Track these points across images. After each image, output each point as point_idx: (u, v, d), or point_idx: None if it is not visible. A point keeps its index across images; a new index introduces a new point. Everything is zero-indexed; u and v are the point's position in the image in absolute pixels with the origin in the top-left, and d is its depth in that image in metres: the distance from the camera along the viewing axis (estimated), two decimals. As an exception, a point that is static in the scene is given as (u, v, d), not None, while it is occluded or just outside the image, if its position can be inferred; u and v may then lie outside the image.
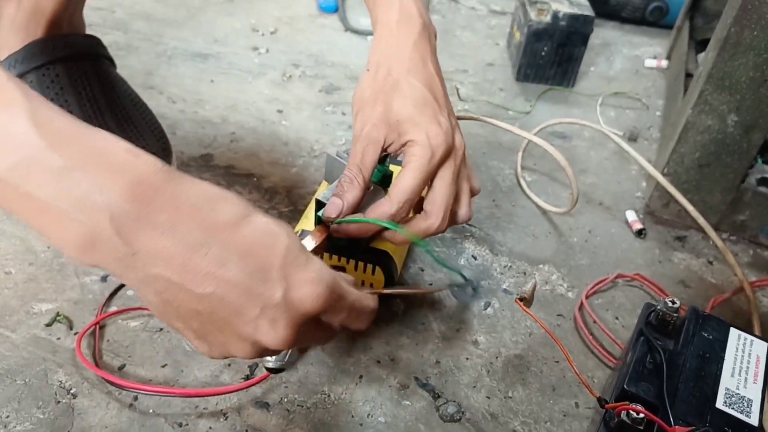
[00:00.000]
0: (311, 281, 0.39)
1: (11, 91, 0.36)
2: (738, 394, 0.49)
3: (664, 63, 1.21)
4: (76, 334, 0.60)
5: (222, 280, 0.37)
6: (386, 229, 0.56)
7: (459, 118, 0.80)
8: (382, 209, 0.56)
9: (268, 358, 0.48)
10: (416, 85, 0.58)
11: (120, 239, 0.35)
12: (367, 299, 0.46)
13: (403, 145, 0.57)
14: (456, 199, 0.59)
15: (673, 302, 0.54)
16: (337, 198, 0.56)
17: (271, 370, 0.49)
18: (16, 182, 0.35)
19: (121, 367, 0.58)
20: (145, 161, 0.37)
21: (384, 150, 0.58)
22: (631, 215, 0.83)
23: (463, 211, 0.60)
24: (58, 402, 0.55)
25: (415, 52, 0.59)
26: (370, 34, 1.19)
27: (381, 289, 0.53)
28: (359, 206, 0.57)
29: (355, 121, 0.59)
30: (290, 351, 0.49)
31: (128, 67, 1.00)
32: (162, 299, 0.38)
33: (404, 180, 0.55)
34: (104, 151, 0.36)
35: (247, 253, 0.37)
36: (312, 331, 0.42)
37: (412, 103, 0.57)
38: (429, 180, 0.57)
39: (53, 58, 0.73)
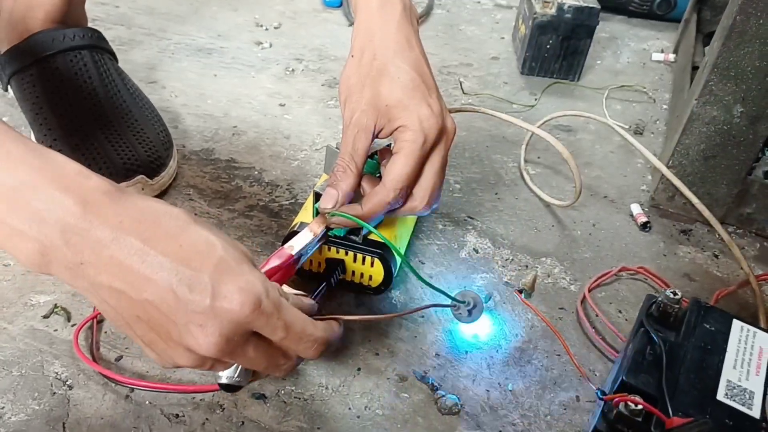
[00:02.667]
0: (239, 291, 0.40)
1: None
2: (740, 386, 0.48)
3: (671, 56, 1.19)
4: (74, 326, 0.60)
5: (158, 286, 0.39)
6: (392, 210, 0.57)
7: (461, 111, 0.80)
8: (379, 198, 0.55)
9: (219, 374, 0.47)
10: (403, 67, 0.57)
11: (69, 250, 0.38)
12: (312, 327, 0.45)
13: (395, 130, 0.56)
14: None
15: (675, 293, 0.54)
16: (331, 188, 0.56)
17: (223, 387, 0.48)
18: None
19: (118, 359, 0.58)
20: (94, 182, 0.40)
21: (375, 136, 0.57)
22: (635, 208, 0.82)
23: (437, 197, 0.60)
24: (54, 393, 0.54)
25: (399, 35, 0.59)
26: (374, 28, 1.18)
27: (348, 315, 0.52)
28: (355, 195, 0.57)
29: (343, 109, 0.59)
30: (239, 367, 0.47)
31: (131, 62, 1.00)
32: (109, 306, 0.41)
33: (398, 166, 0.55)
34: (55, 172, 0.39)
35: (182, 261, 0.39)
36: (256, 349, 0.43)
37: (401, 86, 0.56)
38: (422, 164, 0.56)
39: (54, 51, 0.73)
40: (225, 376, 0.47)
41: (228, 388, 0.48)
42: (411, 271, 0.59)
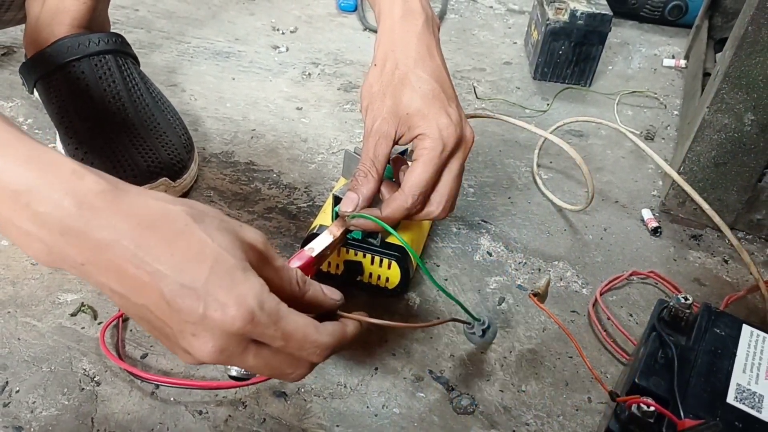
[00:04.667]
0: (231, 302, 0.39)
1: None
2: (749, 389, 0.50)
3: (683, 62, 1.20)
4: (100, 324, 0.62)
5: (152, 292, 0.39)
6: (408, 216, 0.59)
7: (475, 116, 0.81)
8: (398, 203, 0.57)
9: (230, 366, 0.49)
10: (424, 77, 0.59)
11: (71, 251, 0.39)
12: (315, 333, 0.44)
13: (414, 137, 0.58)
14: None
15: (686, 298, 0.55)
16: (352, 192, 0.58)
17: (233, 378, 0.49)
18: None
19: (144, 356, 0.60)
20: (88, 182, 0.39)
21: (395, 143, 0.59)
22: (646, 213, 0.84)
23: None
24: (82, 389, 0.56)
25: (420, 45, 0.60)
26: (389, 32, 1.20)
27: (368, 318, 0.51)
28: (375, 200, 0.59)
29: (365, 116, 0.60)
30: None
31: (151, 65, 1.02)
32: (116, 303, 0.42)
33: (417, 173, 0.56)
34: (52, 173, 0.39)
35: (174, 269, 0.39)
36: (257, 356, 0.42)
37: (421, 95, 0.58)
38: (440, 171, 0.58)
39: (79, 56, 0.75)
40: (234, 369, 0.48)
41: (237, 379, 0.49)
42: (428, 276, 0.60)
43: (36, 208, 0.38)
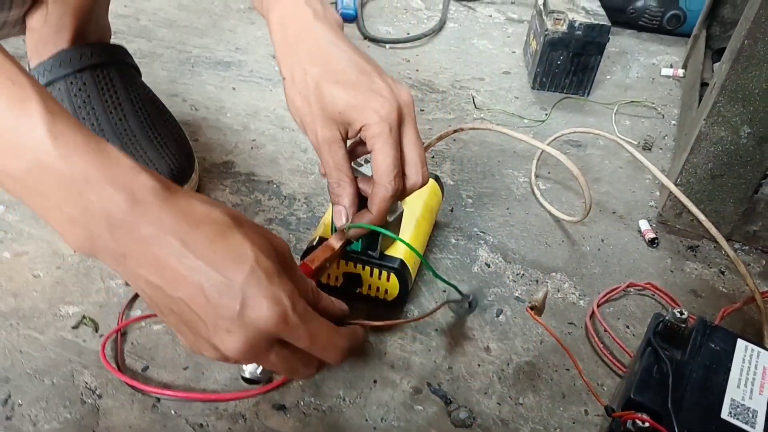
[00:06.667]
0: (267, 302, 0.42)
1: (35, 102, 0.40)
2: (743, 404, 0.50)
3: (681, 72, 1.21)
4: (101, 336, 0.62)
5: (191, 286, 0.41)
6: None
7: (475, 128, 0.82)
8: (380, 195, 0.57)
9: (243, 367, 0.51)
10: (335, 69, 0.57)
11: (113, 242, 0.41)
12: (337, 336, 0.47)
13: (359, 131, 0.57)
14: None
15: (681, 313, 0.55)
16: (337, 205, 0.59)
17: (246, 380, 0.51)
18: (32, 184, 0.40)
19: (144, 369, 0.60)
20: (144, 179, 0.42)
21: (345, 140, 0.59)
22: (644, 224, 0.84)
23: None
24: (84, 402, 0.57)
25: (318, 41, 0.58)
26: (389, 42, 1.21)
27: (371, 321, 0.55)
28: (362, 201, 0.60)
29: (305, 133, 0.60)
30: (260, 366, 0.51)
31: (153, 74, 1.02)
32: (147, 295, 0.44)
33: (380, 160, 0.57)
34: (108, 166, 0.41)
35: (216, 266, 0.42)
36: (279, 354, 0.45)
37: (342, 88, 0.57)
38: (400, 146, 0.58)
39: (81, 66, 0.75)
40: (248, 371, 0.51)
41: (249, 381, 0.52)
42: (425, 264, 0.62)
43: (89, 197, 0.40)
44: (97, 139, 0.42)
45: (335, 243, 0.61)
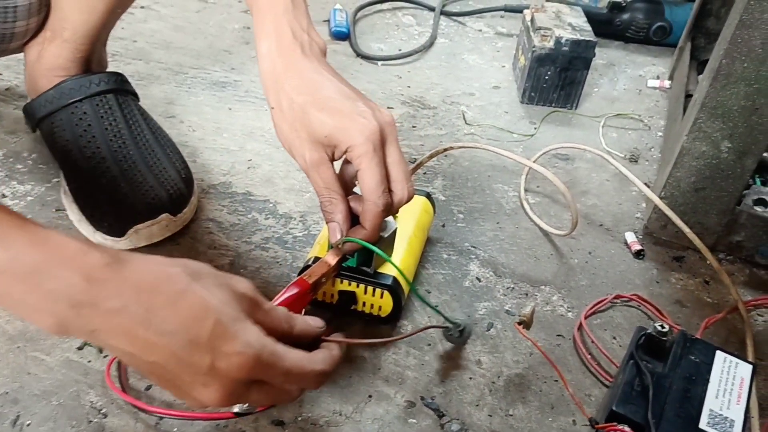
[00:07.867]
0: (236, 352, 0.44)
1: None
2: (721, 414, 0.53)
3: (667, 83, 1.24)
4: (105, 356, 0.65)
5: (163, 350, 0.44)
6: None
7: (464, 147, 0.84)
8: (371, 212, 0.61)
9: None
10: (320, 96, 0.61)
11: (81, 321, 0.43)
12: (310, 364, 0.49)
13: (344, 152, 0.61)
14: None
15: (663, 326, 0.58)
16: (331, 223, 0.62)
17: (237, 415, 0.56)
18: None
19: (147, 388, 0.62)
20: (93, 257, 0.43)
21: (332, 161, 0.62)
22: (630, 236, 0.87)
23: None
24: (90, 422, 0.59)
25: (304, 72, 0.62)
26: (381, 59, 1.23)
27: (348, 339, 0.57)
28: (355, 218, 0.63)
29: (294, 158, 0.63)
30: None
31: (150, 96, 1.05)
32: (126, 361, 0.47)
33: (367, 179, 0.60)
34: (58, 253, 0.43)
35: (182, 327, 0.44)
36: (258, 392, 0.48)
37: (328, 115, 0.60)
38: (384, 165, 0.61)
39: (81, 96, 0.78)
40: (237, 407, 0.55)
41: (241, 415, 0.56)
42: (415, 294, 0.64)
43: (47, 286, 0.42)
44: (44, 231, 0.43)
45: (331, 259, 0.63)
